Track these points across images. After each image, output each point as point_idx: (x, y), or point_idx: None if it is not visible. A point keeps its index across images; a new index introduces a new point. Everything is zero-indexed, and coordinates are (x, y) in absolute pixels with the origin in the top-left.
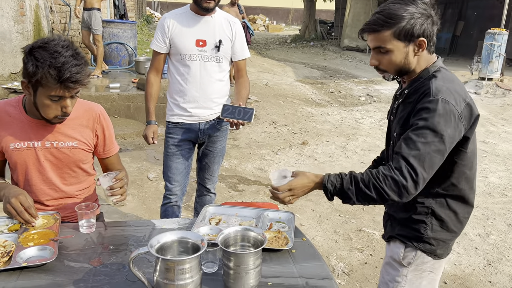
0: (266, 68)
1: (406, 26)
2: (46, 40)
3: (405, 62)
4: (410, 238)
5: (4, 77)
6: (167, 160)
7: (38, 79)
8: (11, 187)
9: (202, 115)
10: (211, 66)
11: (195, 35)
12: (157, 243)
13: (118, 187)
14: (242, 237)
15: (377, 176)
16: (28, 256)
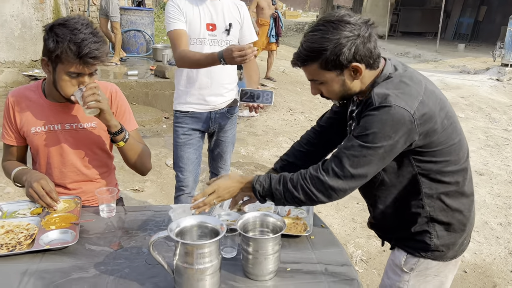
0: (283, 55)
1: (330, 56)
2: (67, 19)
3: (344, 89)
4: (416, 249)
5: (25, 64)
6: (178, 150)
7: (58, 54)
8: (33, 172)
9: (213, 103)
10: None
11: (205, 19)
12: (176, 227)
13: (89, 94)
14: (261, 222)
15: (304, 177)
16: (51, 239)
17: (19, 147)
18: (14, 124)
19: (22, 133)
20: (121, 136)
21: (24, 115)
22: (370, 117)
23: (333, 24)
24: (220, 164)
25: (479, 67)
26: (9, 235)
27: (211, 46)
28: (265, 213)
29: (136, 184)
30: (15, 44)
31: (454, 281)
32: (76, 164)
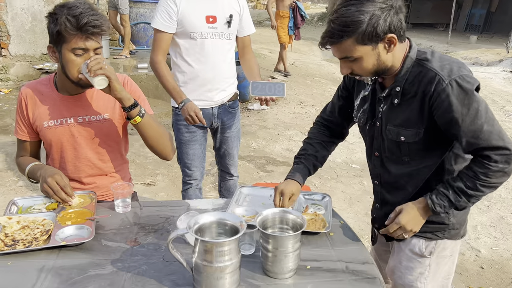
0: (293, 47)
1: (368, 29)
2: (66, 3)
3: (379, 63)
4: (434, 232)
5: (36, 58)
6: (183, 147)
7: (59, 29)
8: (47, 167)
9: (216, 99)
10: (222, 43)
11: (204, 11)
12: (195, 224)
13: (94, 63)
14: (280, 219)
15: (478, 177)
16: (67, 235)
17: (32, 142)
18: (27, 118)
19: (35, 127)
20: (136, 111)
21: (36, 109)
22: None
23: None
24: (228, 161)
25: (492, 59)
26: (25, 230)
27: (212, 40)
28: (285, 210)
29: (148, 177)
30: (26, 37)
31: (471, 276)
32: (90, 157)
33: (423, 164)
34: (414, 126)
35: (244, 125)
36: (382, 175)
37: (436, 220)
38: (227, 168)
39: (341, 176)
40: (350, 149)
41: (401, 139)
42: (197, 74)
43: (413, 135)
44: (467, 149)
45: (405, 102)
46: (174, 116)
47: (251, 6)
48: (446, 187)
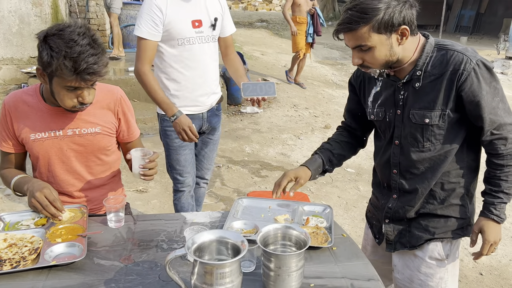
0: (284, 48)
1: (384, 17)
2: (61, 27)
3: (390, 54)
4: (457, 230)
5: (24, 61)
6: (174, 154)
7: (53, 70)
8: (35, 181)
9: (207, 103)
10: (209, 46)
11: (190, 15)
12: (194, 244)
13: (150, 167)
14: (283, 235)
15: (505, 170)
16: (57, 253)
17: (18, 154)
18: (12, 130)
19: (21, 140)
20: None
21: (22, 121)
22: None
23: None
24: (206, 165)
25: None
26: (12, 249)
27: (200, 44)
28: (287, 225)
29: (140, 184)
30: (13, 40)
31: (470, 283)
32: (80, 171)
33: (444, 150)
34: (439, 107)
35: (237, 129)
36: (401, 163)
37: (455, 215)
38: (203, 172)
39: (337, 181)
40: None
41: (425, 121)
42: (188, 80)
43: (437, 116)
44: (488, 128)
45: (428, 84)
46: (162, 123)
47: (242, 8)
48: (493, 196)
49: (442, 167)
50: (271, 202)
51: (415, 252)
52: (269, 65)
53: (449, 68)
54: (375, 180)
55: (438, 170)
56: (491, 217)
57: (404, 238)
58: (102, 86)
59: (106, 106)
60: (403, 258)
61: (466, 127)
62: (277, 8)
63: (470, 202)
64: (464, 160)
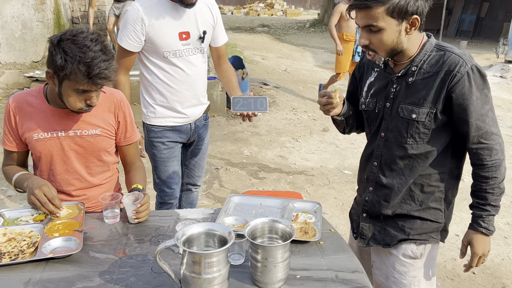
0: (285, 53)
1: (400, 2)
2: (75, 33)
3: (397, 41)
4: (429, 233)
5: (26, 66)
6: (161, 166)
7: (67, 73)
8: (34, 178)
9: (194, 115)
10: (196, 58)
11: (177, 27)
12: (184, 235)
13: (143, 210)
14: (270, 228)
15: (490, 182)
16: (54, 247)
17: (20, 152)
18: (16, 130)
19: (24, 139)
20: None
21: (26, 121)
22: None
23: None
24: (197, 172)
25: (482, 64)
26: (11, 243)
27: (186, 57)
28: (274, 219)
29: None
30: (16, 45)
31: (463, 282)
32: (80, 171)
33: (425, 150)
34: (428, 105)
35: (236, 131)
36: (383, 155)
37: (431, 218)
38: (195, 179)
39: (333, 183)
40: (342, 155)
41: (412, 116)
42: (175, 93)
43: (425, 114)
44: (474, 134)
45: (421, 81)
46: (148, 133)
47: (244, 13)
48: (480, 208)
49: (421, 167)
50: (263, 199)
51: (390, 250)
52: (269, 69)
53: (444, 68)
54: (360, 175)
55: (416, 170)
56: (480, 230)
57: (378, 235)
58: (104, 89)
59: (107, 109)
60: (380, 255)
61: (451, 132)
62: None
63: (448, 208)
64: (446, 165)
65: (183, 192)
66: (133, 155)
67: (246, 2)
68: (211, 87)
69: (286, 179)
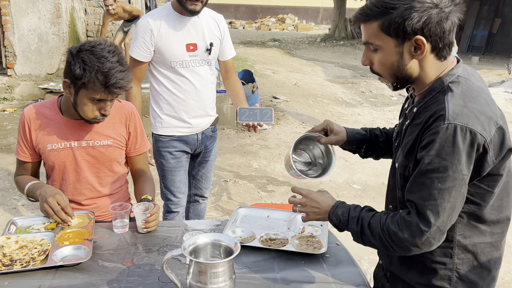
0: (295, 67)
1: (395, 18)
2: (93, 44)
3: (399, 65)
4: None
5: (41, 78)
6: (168, 175)
7: (85, 82)
8: (47, 187)
9: (201, 125)
10: (204, 70)
11: (184, 39)
12: (190, 246)
13: (152, 220)
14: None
15: (386, 230)
16: (64, 255)
17: (33, 163)
18: (30, 141)
19: (38, 150)
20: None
21: (40, 132)
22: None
23: None
24: (205, 184)
25: (494, 80)
26: (23, 250)
27: (193, 68)
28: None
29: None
30: (32, 57)
31: None
32: (91, 181)
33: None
34: (407, 156)
35: (246, 144)
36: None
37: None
38: (202, 191)
39: (342, 197)
40: (351, 169)
41: (395, 163)
42: (180, 102)
43: (403, 166)
44: (407, 194)
45: (411, 126)
46: (156, 143)
47: (255, 27)
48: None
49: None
50: (270, 211)
51: None
52: (279, 83)
53: (425, 118)
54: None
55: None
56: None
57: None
58: (115, 102)
59: (119, 120)
60: None
61: None
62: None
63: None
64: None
65: (191, 204)
66: (142, 165)
67: (257, 17)
68: (221, 100)
69: None
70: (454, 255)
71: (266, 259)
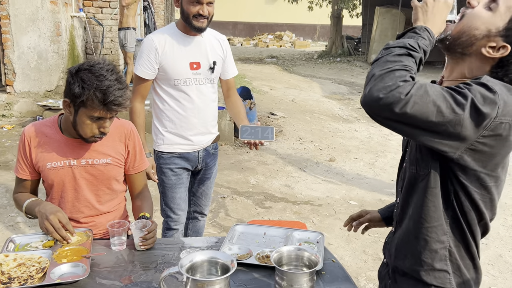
0: (293, 84)
1: None
2: (92, 63)
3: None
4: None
5: (40, 95)
6: (169, 192)
7: (84, 100)
8: (46, 204)
9: (202, 143)
10: (206, 88)
11: (188, 57)
12: (187, 263)
13: (150, 237)
14: (296, 257)
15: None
16: (62, 272)
17: (32, 181)
18: (30, 159)
19: (37, 168)
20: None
21: (40, 150)
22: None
23: None
24: (204, 201)
25: None
26: (21, 268)
27: (196, 86)
28: (300, 248)
29: None
30: (31, 75)
31: None
32: (90, 199)
33: None
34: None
35: (243, 160)
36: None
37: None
38: (202, 208)
39: (339, 213)
40: (348, 185)
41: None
42: (182, 120)
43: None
44: None
45: None
46: (158, 160)
47: (253, 44)
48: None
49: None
50: (266, 228)
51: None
52: (277, 99)
53: None
54: None
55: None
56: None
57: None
58: (114, 120)
59: (118, 139)
60: None
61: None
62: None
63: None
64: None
65: (190, 221)
66: (140, 183)
67: (255, 34)
68: (219, 117)
69: (292, 208)
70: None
71: (263, 276)
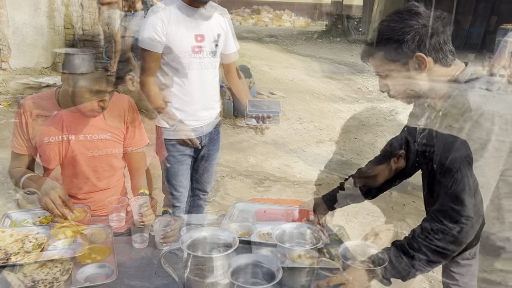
0: (292, 63)
1: (393, 44)
2: (92, 34)
3: (410, 83)
4: None
5: (36, 71)
6: (171, 169)
7: (84, 72)
8: (46, 179)
9: (206, 117)
10: (209, 61)
11: (193, 30)
12: (188, 239)
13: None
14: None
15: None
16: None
17: (29, 156)
18: (26, 133)
19: (34, 142)
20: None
21: (37, 124)
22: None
23: (400, 14)
24: (207, 178)
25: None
26: (17, 243)
27: (200, 59)
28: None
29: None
30: (27, 51)
31: None
32: (88, 174)
33: None
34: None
35: (243, 140)
36: None
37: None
38: (204, 185)
39: None
40: (348, 165)
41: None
42: (186, 93)
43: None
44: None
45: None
46: (161, 136)
47: (252, 23)
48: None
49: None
50: (267, 206)
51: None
52: (276, 79)
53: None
54: None
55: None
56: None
57: None
58: (114, 95)
59: (117, 114)
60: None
61: None
62: (287, 24)
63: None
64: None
65: (191, 198)
66: (140, 160)
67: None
68: None
69: (291, 188)
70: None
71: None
